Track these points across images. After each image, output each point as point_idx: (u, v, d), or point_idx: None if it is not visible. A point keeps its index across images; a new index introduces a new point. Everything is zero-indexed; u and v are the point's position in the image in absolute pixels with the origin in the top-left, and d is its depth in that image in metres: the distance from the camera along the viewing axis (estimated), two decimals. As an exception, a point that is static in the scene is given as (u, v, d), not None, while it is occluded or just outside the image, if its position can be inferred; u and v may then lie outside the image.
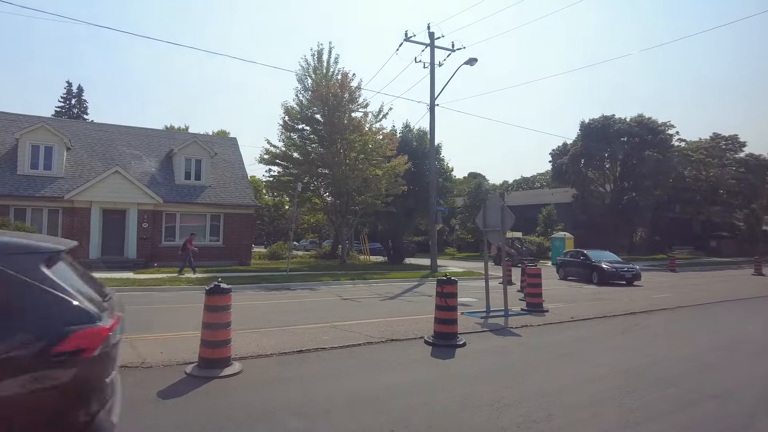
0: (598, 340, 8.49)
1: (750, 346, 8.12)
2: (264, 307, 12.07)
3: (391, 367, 6.47)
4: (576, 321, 10.36)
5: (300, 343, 7.58)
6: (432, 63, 24.09)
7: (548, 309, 11.70)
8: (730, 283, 21.52)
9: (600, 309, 12.26)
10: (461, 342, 7.79)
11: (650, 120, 41.98)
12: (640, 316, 11.26)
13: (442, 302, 7.91)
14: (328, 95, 23.85)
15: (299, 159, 23.61)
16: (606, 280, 19.97)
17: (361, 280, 19.09)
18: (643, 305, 13.17)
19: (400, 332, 8.63)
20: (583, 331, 9.34)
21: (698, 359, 7.11)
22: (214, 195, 25.79)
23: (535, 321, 10.14)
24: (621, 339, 8.61)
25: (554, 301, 13.82)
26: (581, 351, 7.60)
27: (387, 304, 12.92)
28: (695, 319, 11.10)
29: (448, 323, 7.90)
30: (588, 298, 15.23)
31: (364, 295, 14.96)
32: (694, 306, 13.33)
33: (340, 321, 9.69)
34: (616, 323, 10.21)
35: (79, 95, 54.96)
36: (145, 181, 24.68)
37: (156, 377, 5.81)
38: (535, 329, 9.37)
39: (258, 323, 9.38)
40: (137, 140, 27.05)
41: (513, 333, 8.93)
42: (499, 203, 11.12)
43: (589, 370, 6.44)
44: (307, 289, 16.47)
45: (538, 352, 7.54)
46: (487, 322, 9.93)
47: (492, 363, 6.77)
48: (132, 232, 23.44)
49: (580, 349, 7.71)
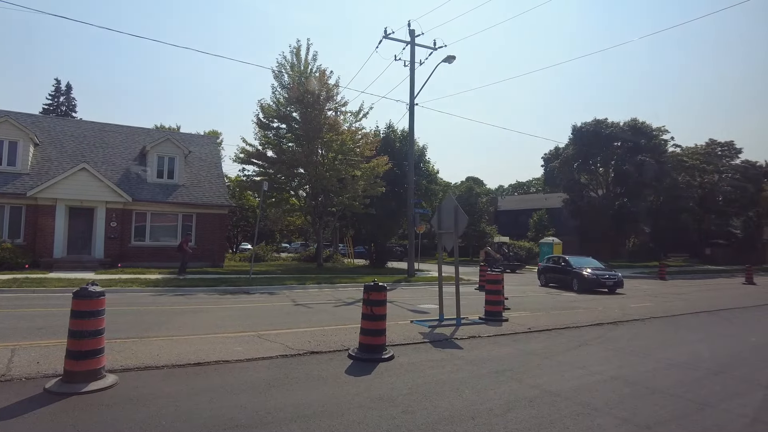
0: (547, 354, 7.66)
1: (710, 363, 7.29)
2: (205, 311, 11.26)
3: (290, 384, 5.66)
4: (532, 332, 9.53)
5: (205, 354, 6.78)
6: (412, 61, 23.36)
7: (507, 318, 10.88)
8: (717, 293, 20.66)
9: (566, 319, 11.43)
10: (388, 355, 6.98)
11: (644, 124, 41.18)
12: (607, 328, 10.44)
13: (368, 311, 7.10)
14: (305, 93, 23.11)
15: (273, 158, 22.80)
16: (586, 288, 19.14)
17: (328, 284, 18.27)
18: (614, 315, 12.35)
19: (328, 343, 7.83)
20: (536, 344, 8.51)
21: (647, 380, 6.28)
22: (187, 194, 25.02)
23: (488, 331, 9.32)
24: (572, 354, 7.78)
25: (522, 310, 13.04)
26: (521, 367, 6.78)
27: (339, 311, 12.10)
28: (663, 332, 10.27)
29: (373, 334, 7.09)
30: (561, 306, 14.40)
31: (322, 300, 14.14)
32: (669, 317, 12.49)
33: (272, 329, 8.90)
34: (577, 335, 9.39)
35: (67, 93, 54.32)
36: (115, 179, 23.93)
37: (8, 393, 5.01)
38: (483, 341, 8.55)
39: (176, 330, 8.59)
40: (111, 137, 26.30)
41: (455, 345, 8.11)
42: (452, 204, 10.30)
43: (517, 392, 5.62)
44: (266, 293, 15.65)
45: (472, 367, 6.72)
46: (433, 332, 9.10)
47: (410, 381, 5.95)
48: (99, 231, 22.65)
49: (521, 366, 6.89)
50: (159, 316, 10.18)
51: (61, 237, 21.84)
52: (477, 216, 46.75)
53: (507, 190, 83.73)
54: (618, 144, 41.69)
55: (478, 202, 46.96)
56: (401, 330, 9.26)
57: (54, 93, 53.70)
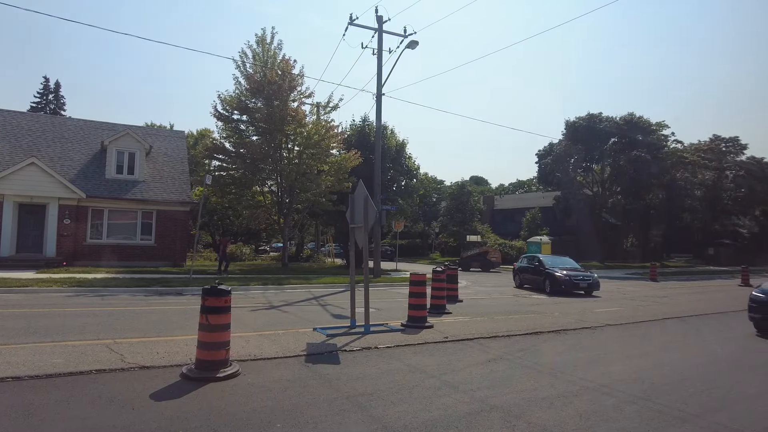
0: (437, 373, 6.28)
1: (636, 387, 5.86)
2: (93, 315, 10.02)
3: (69, 408, 4.36)
4: (447, 342, 8.16)
5: (8, 367, 5.55)
6: (379, 48, 22.01)
7: (433, 325, 9.51)
8: (704, 296, 19.05)
9: (506, 326, 10.03)
10: (225, 374, 5.66)
11: (641, 119, 39.30)
12: (544, 337, 9.02)
13: (204, 320, 5.79)
14: (267, 83, 21.88)
15: (232, 152, 21.57)
16: (558, 290, 17.65)
17: (276, 285, 16.99)
18: (567, 322, 10.92)
19: (181, 354, 6.57)
20: (438, 358, 7.13)
21: (533, 413, 4.89)
22: (147, 190, 23.91)
23: (393, 341, 7.96)
24: (468, 372, 6.39)
25: (466, 314, 11.67)
26: (386, 391, 5.41)
27: (250, 316, 10.79)
28: (607, 344, 8.82)
29: (210, 348, 5.77)
30: (517, 310, 12.97)
31: (249, 303, 12.82)
32: (629, 324, 11.02)
33: (136, 338, 7.66)
34: (498, 347, 7.99)
35: (56, 91, 53.72)
36: (71, 174, 22.91)
37: None
38: (374, 354, 7.18)
39: (21, 336, 7.34)
40: (71, 132, 25.29)
41: (334, 360, 6.76)
42: (363, 193, 8.89)
43: (348, 426, 4.28)
44: (198, 295, 14.36)
45: (326, 390, 5.37)
46: (326, 342, 7.77)
47: (225, 408, 4.62)
48: (51, 228, 21.61)
49: (388, 388, 5.52)
50: (28, 320, 8.93)
51: (9, 234, 20.83)
52: (468, 215, 45.30)
53: (508, 189, 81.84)
54: (615, 140, 39.88)
55: (469, 201, 45.46)
56: (291, 339, 7.95)
57: (42, 91, 53.14)
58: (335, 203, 24.80)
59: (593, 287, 17.70)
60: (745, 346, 8.89)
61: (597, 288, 17.82)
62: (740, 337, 9.77)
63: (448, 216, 45.43)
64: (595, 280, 17.86)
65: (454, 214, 44.77)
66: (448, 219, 45.32)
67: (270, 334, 8.41)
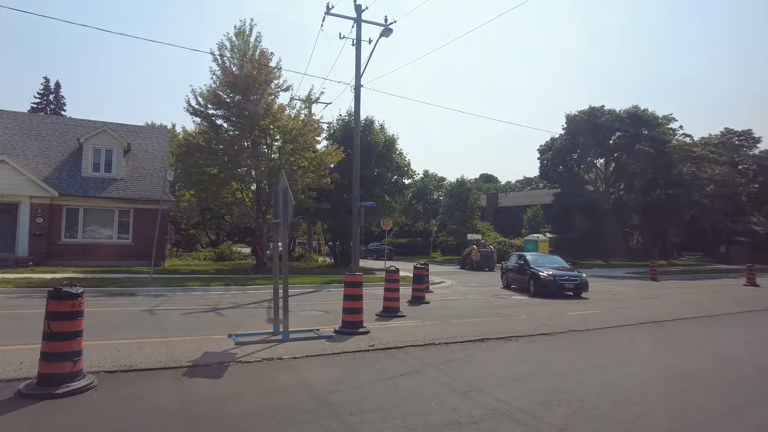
0: (330, 390, 5.38)
1: (562, 413, 4.89)
2: (6, 318, 9.32)
3: None
4: (369, 351, 7.24)
5: None
6: (358, 38, 21.11)
7: (369, 330, 8.61)
8: (701, 296, 17.81)
9: (454, 332, 9.08)
10: (68, 389, 4.86)
11: (645, 112, 37.74)
12: (489, 345, 8.05)
13: (46, 327, 4.99)
14: (245, 76, 21.13)
15: (205, 147, 20.85)
16: (543, 291, 16.55)
17: (239, 286, 16.23)
18: (528, 327, 9.91)
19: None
20: (345, 370, 6.24)
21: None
22: (124, 188, 23.36)
23: (306, 350, 7.07)
24: (367, 389, 5.47)
25: (425, 317, 10.82)
26: (246, 414, 4.53)
27: (178, 319, 9.95)
28: (558, 355, 7.83)
29: (52, 359, 4.99)
30: (482, 313, 11.99)
31: (195, 305, 12.02)
32: (598, 330, 9.98)
33: (18, 345, 6.91)
34: (426, 357, 7.05)
35: (56, 91, 53.85)
36: (46, 172, 22.45)
37: None
38: (273, 365, 6.31)
39: None
40: (49, 129, 24.85)
41: (217, 373, 5.88)
42: (283, 185, 8.00)
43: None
44: (152, 296, 13.67)
45: (172, 413, 4.52)
46: (228, 351, 6.91)
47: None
48: (23, 227, 21.14)
49: (251, 411, 4.64)
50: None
51: (-21, 234, 20.45)
52: (468, 212, 44.16)
53: (515, 186, 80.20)
54: (620, 134, 38.37)
55: (469, 198, 44.28)
56: (194, 347, 7.11)
57: (43, 91, 53.31)
58: (317, 200, 23.98)
59: (581, 288, 16.53)
60: (720, 356, 7.82)
61: (585, 289, 16.64)
62: (718, 345, 8.69)
63: (447, 214, 44.32)
64: (583, 281, 16.68)
65: (453, 211, 43.66)
66: (447, 217, 44.21)
67: (176, 340, 7.59)
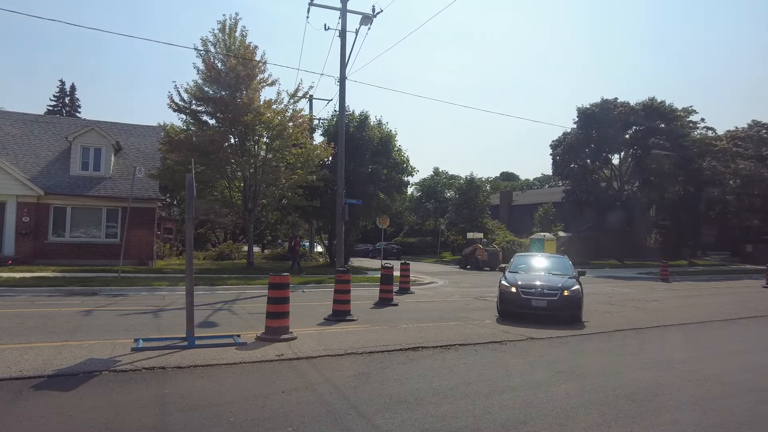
0: (186, 407, 4.58)
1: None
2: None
3: None
4: (273, 362, 6.40)
5: None
6: (343, 29, 20.26)
7: (296, 336, 7.79)
8: (709, 299, 16.36)
9: (395, 338, 8.22)
10: None
11: (662, 104, 35.76)
12: (420, 355, 7.13)
13: None
14: (229, 70, 20.59)
15: (187, 143, 20.37)
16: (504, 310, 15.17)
17: (208, 286, 15.66)
18: (482, 334, 9.00)
19: None
20: (225, 385, 5.41)
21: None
22: (113, 187, 23.13)
23: (200, 359, 6.27)
24: (232, 407, 4.64)
25: (377, 321, 10.07)
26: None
27: (100, 320, 9.27)
28: (493, 370, 6.82)
29: None
30: (446, 317, 11.03)
31: (144, 305, 11.38)
32: (564, 338, 8.93)
33: None
34: (336, 368, 6.17)
35: (72, 93, 54.83)
36: (34, 171, 22.38)
37: None
38: (149, 376, 5.52)
39: None
40: (39, 129, 24.87)
41: (70, 385, 5.12)
42: (190, 179, 7.21)
43: None
44: (112, 296, 13.17)
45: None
46: (112, 358, 6.16)
47: None
48: (10, 226, 21.09)
49: None
50: None
51: (-35, 233, 20.45)
52: (478, 211, 42.83)
53: (533, 184, 78.14)
54: (637, 128, 36.52)
55: (478, 196, 42.93)
56: (84, 351, 6.51)
57: (58, 94, 54.32)
58: (308, 198, 23.31)
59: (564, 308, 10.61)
60: (679, 372, 6.69)
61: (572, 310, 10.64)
62: (686, 359, 7.54)
63: (456, 212, 43.08)
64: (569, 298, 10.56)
65: (462, 209, 42.41)
66: (455, 215, 42.97)
67: (74, 345, 6.92)
